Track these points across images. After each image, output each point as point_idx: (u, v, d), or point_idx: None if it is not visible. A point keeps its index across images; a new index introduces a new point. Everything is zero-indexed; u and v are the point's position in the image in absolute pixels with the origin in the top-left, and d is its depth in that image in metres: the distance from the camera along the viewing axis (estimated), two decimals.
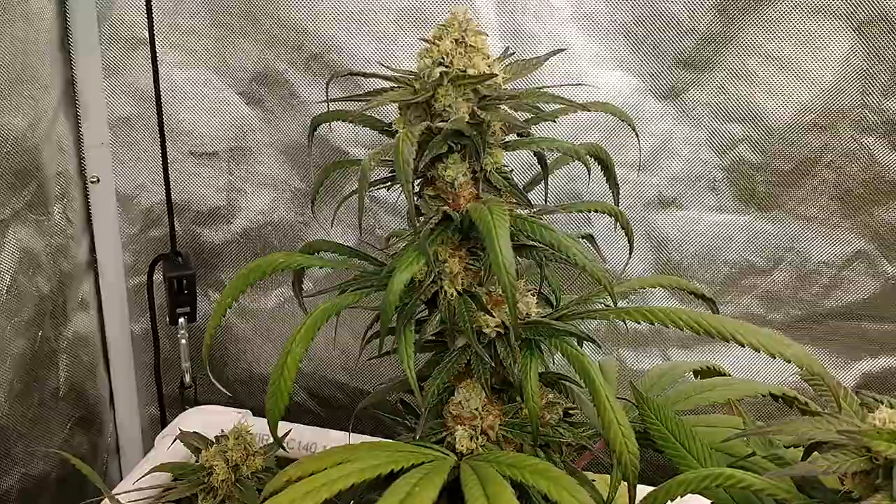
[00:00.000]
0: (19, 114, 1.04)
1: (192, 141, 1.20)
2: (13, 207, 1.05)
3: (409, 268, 0.60)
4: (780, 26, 1.02)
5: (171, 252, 1.20)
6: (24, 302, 1.07)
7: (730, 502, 0.63)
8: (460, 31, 0.62)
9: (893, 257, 1.09)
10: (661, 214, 1.12)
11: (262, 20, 1.13)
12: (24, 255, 1.07)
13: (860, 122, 1.04)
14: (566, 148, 0.66)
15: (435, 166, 0.64)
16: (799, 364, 0.56)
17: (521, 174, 0.70)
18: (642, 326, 1.14)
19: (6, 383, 1.05)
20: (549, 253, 0.65)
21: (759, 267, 1.13)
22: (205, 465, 0.81)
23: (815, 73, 1.03)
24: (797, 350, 0.56)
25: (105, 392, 1.27)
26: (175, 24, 1.14)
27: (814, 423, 0.55)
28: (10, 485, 1.07)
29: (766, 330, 0.58)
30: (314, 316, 0.63)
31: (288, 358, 0.61)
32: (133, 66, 1.16)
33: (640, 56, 1.06)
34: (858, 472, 0.54)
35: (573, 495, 0.56)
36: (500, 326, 0.65)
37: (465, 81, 0.60)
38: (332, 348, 1.18)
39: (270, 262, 0.67)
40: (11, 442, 1.07)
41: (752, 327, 0.58)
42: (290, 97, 1.15)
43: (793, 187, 1.08)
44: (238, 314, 1.27)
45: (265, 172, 1.20)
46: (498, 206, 0.58)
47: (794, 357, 0.56)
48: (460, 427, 0.66)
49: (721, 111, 1.07)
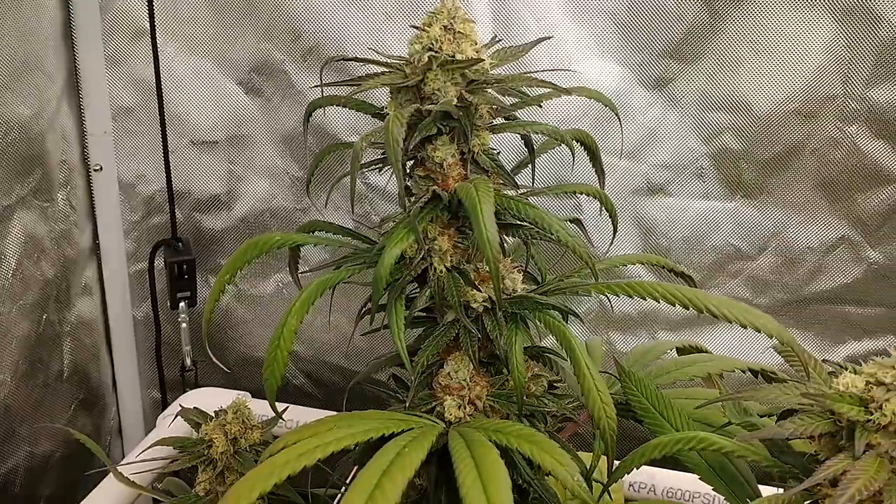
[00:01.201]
0: (24, 102, 1.06)
1: (192, 130, 1.23)
2: (18, 194, 1.07)
3: (399, 243, 0.63)
4: (764, 17, 1.04)
5: (172, 238, 1.22)
6: (29, 286, 1.10)
7: (705, 467, 0.66)
8: (449, 19, 0.65)
9: (876, 243, 1.11)
10: (650, 201, 1.15)
11: (260, 12, 1.15)
12: (28, 241, 1.09)
13: (842, 111, 1.06)
14: (550, 131, 0.69)
15: (425, 148, 0.66)
16: (768, 333, 0.59)
17: (527, 158, 0.73)
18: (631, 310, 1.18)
19: (12, 364, 1.07)
20: (535, 231, 0.69)
21: (745, 252, 1.15)
22: (205, 438, 0.84)
23: (799, 63, 1.05)
24: (766, 321, 0.59)
25: (108, 375, 1.30)
26: (176, 15, 1.17)
27: (783, 389, 0.59)
28: (16, 463, 1.10)
29: (739, 302, 0.61)
30: (309, 290, 0.65)
31: (284, 329, 0.64)
32: (135, 57, 1.19)
33: (628, 46, 1.09)
34: (824, 434, 0.57)
35: (555, 458, 0.59)
36: (488, 301, 0.68)
37: (453, 66, 0.63)
38: (328, 331, 1.21)
39: (267, 239, 0.70)
40: (17, 421, 1.10)
41: (725, 299, 0.61)
42: (287, 87, 1.18)
43: (777, 174, 1.10)
44: (238, 299, 1.29)
45: (264, 161, 1.23)
46: (483, 184, 0.61)
47: (763, 326, 0.59)
48: (449, 397, 0.69)
49: (707, 100, 1.09)
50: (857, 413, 0.54)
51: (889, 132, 1.05)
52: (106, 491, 0.98)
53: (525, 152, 0.72)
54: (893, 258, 1.11)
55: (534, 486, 0.69)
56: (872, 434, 0.54)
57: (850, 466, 0.52)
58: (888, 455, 0.54)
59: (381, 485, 0.54)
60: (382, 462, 0.57)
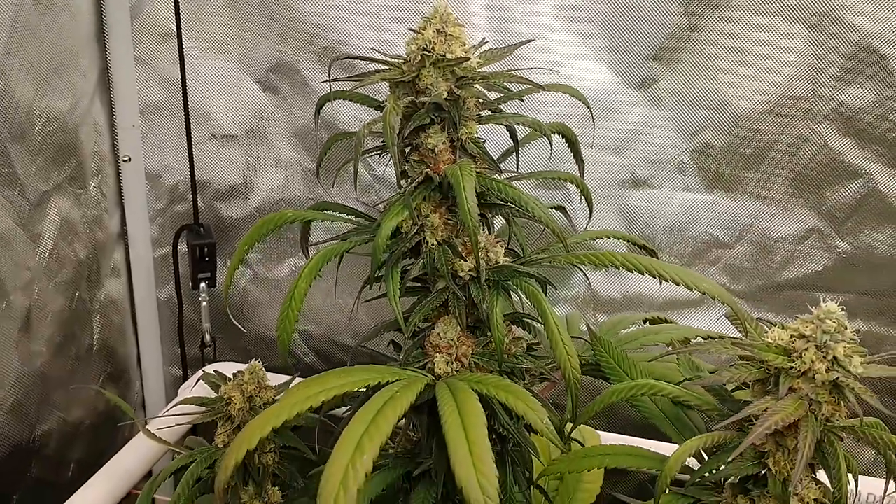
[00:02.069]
0: (61, 97, 1.17)
1: (213, 125, 1.33)
2: (55, 180, 1.18)
3: (395, 216, 0.73)
4: (739, 23, 1.12)
5: (195, 223, 1.33)
6: (63, 265, 1.20)
7: (662, 417, 0.75)
8: (441, 23, 0.74)
9: (844, 233, 1.19)
10: (635, 193, 1.23)
11: (277, 16, 1.25)
12: (64, 224, 1.20)
13: (812, 111, 1.14)
14: (531, 122, 0.78)
15: (419, 136, 0.76)
16: (711, 295, 0.68)
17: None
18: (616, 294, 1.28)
19: (48, 336, 1.18)
20: (515, 210, 0.78)
21: (723, 241, 1.23)
22: (223, 396, 0.93)
23: (772, 66, 1.13)
24: (710, 285, 0.69)
25: (133, 351, 1.40)
26: (200, 19, 1.27)
27: (722, 344, 0.68)
28: (50, 427, 1.20)
29: (688, 269, 0.70)
30: (317, 257, 0.75)
31: (295, 291, 0.74)
32: (161, 57, 1.29)
33: (615, 50, 1.17)
34: (756, 381, 0.66)
35: (527, 404, 0.68)
36: (473, 271, 0.77)
37: (444, 64, 0.73)
38: (336, 297, 1.30)
39: (281, 216, 0.80)
40: (51, 389, 1.20)
41: (677, 267, 0.70)
42: (302, 85, 1.28)
43: (753, 169, 1.19)
44: (254, 282, 1.39)
45: (279, 154, 1.32)
46: (467, 164, 0.70)
47: (707, 289, 0.68)
48: (439, 355, 0.78)
49: (688, 100, 1.17)
50: (782, 361, 0.63)
51: (855, 130, 1.13)
52: (135, 448, 1.08)
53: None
54: (860, 248, 1.19)
55: (512, 433, 0.79)
56: (794, 379, 0.63)
57: (773, 405, 0.62)
58: (808, 398, 0.63)
59: (376, 420, 0.63)
60: (378, 403, 0.66)
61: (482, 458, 0.58)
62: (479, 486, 0.57)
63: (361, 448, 0.58)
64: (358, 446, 0.58)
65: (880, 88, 1.11)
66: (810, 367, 0.62)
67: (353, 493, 0.55)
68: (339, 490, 0.55)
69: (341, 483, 0.55)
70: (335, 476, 0.56)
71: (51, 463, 1.21)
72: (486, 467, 0.57)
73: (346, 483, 0.55)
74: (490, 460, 0.58)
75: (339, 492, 0.55)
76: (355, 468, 0.56)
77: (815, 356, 0.62)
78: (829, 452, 0.62)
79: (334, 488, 0.55)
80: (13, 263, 1.08)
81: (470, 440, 0.60)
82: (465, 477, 0.58)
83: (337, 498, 0.54)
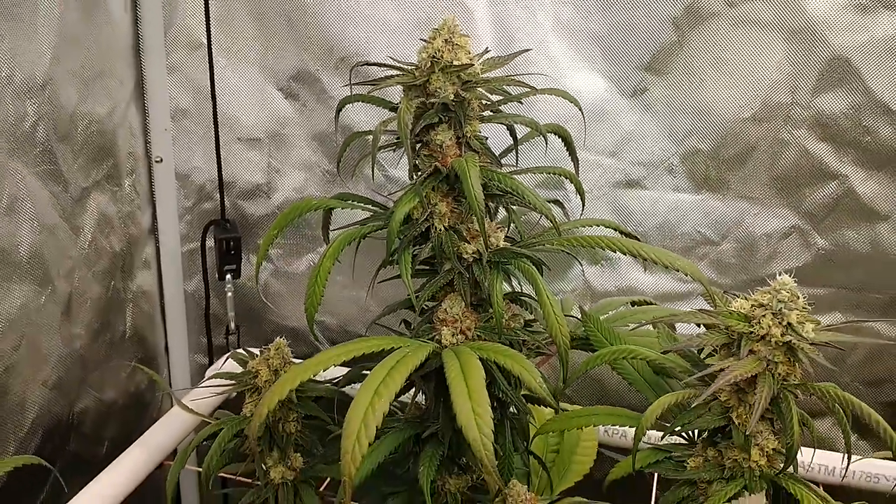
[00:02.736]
0: (101, 103, 1.28)
1: (239, 129, 1.43)
2: (94, 178, 1.28)
3: (407, 203, 0.83)
4: (723, 37, 1.22)
5: (221, 218, 1.43)
6: (101, 256, 1.30)
7: (642, 381, 0.85)
8: (449, 34, 0.84)
9: (822, 231, 1.28)
10: (628, 193, 1.32)
11: (299, 29, 1.35)
12: (101, 218, 1.30)
13: (791, 117, 1.23)
14: (528, 122, 0.88)
15: (429, 133, 0.86)
16: (685, 272, 0.78)
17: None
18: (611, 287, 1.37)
19: (87, 321, 1.28)
20: (514, 199, 0.88)
21: (711, 238, 1.32)
22: (251, 370, 1.03)
23: (754, 75, 1.22)
24: (684, 263, 0.78)
25: (161, 340, 1.50)
26: (228, 31, 1.38)
27: (694, 314, 0.77)
28: (86, 405, 1.30)
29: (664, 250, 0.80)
30: (339, 239, 0.85)
31: (320, 269, 0.84)
32: (192, 66, 1.40)
33: (609, 61, 1.27)
34: (723, 346, 0.76)
35: (523, 367, 0.77)
36: (476, 253, 0.87)
37: (451, 69, 0.83)
38: (350, 290, 1.40)
39: (306, 203, 0.90)
40: (89, 370, 1.30)
41: (654, 248, 0.80)
42: (321, 93, 1.38)
43: (737, 171, 1.27)
44: (275, 276, 1.49)
45: (299, 156, 1.43)
46: (472, 158, 0.80)
47: (681, 267, 0.78)
48: (445, 328, 0.88)
49: (677, 107, 1.27)
50: (743, 327, 0.73)
51: (831, 135, 1.22)
52: (168, 423, 1.17)
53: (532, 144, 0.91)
54: (837, 244, 1.27)
55: (510, 398, 0.88)
56: (754, 343, 0.72)
57: (734, 363, 0.71)
58: (765, 359, 0.72)
59: (391, 373, 0.73)
60: (391, 361, 0.76)
61: (479, 403, 0.68)
62: (476, 425, 0.67)
63: (379, 394, 0.68)
64: (376, 393, 0.68)
65: (853, 96, 1.20)
66: (768, 332, 0.72)
67: (372, 429, 0.65)
68: (360, 427, 0.65)
69: (363, 421, 0.65)
70: (357, 416, 0.65)
71: (87, 439, 1.30)
72: (482, 409, 0.67)
73: (366, 421, 0.65)
74: (486, 405, 0.68)
75: (360, 428, 0.65)
76: (374, 409, 0.66)
77: (771, 322, 0.72)
78: (784, 407, 0.72)
79: (357, 425, 0.65)
80: (57, 252, 1.19)
81: (470, 388, 0.70)
82: (465, 419, 0.68)
83: (359, 433, 0.64)
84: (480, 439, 0.67)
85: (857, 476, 1.12)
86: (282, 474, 1.02)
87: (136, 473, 1.09)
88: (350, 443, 0.64)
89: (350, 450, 0.64)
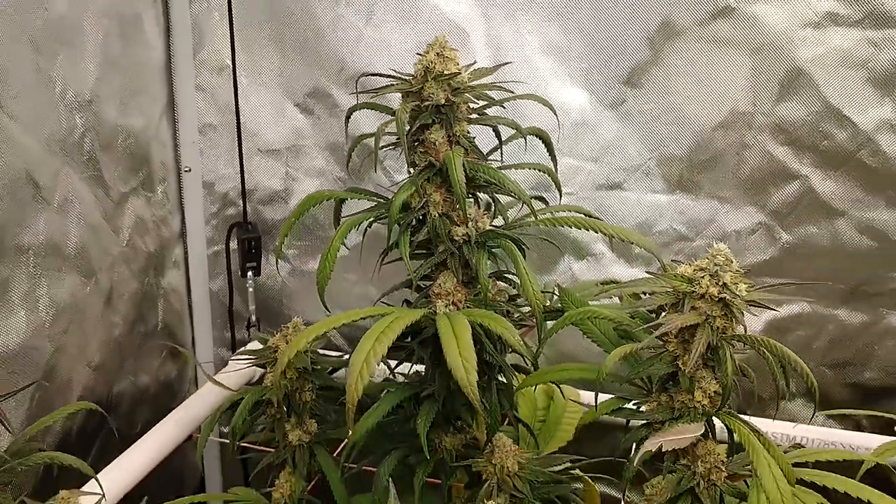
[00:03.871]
0: (137, 117, 1.43)
1: (259, 141, 1.58)
2: (132, 184, 1.43)
3: (405, 192, 0.98)
4: (694, 53, 1.36)
5: (244, 221, 1.58)
6: (137, 254, 1.45)
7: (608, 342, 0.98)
8: (440, 48, 0.99)
9: (786, 227, 1.40)
10: (610, 195, 1.46)
11: (314, 51, 1.50)
12: (137, 220, 1.45)
13: (756, 124, 1.36)
14: (510, 122, 1.03)
15: (424, 132, 1.00)
16: (639, 245, 0.92)
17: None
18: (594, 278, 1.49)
19: (124, 313, 1.43)
20: (497, 189, 1.02)
21: (685, 235, 1.45)
22: (271, 346, 1.17)
23: (721, 87, 1.35)
24: (638, 237, 0.92)
25: (188, 334, 1.65)
26: (251, 54, 1.53)
27: (647, 280, 0.91)
28: (123, 388, 1.44)
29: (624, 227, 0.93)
30: (347, 223, 1.00)
31: (331, 247, 0.98)
32: (218, 85, 1.55)
33: (591, 75, 1.42)
34: (671, 305, 0.89)
35: (504, 327, 0.91)
36: (466, 236, 1.01)
37: (442, 78, 0.98)
38: (359, 287, 1.54)
39: (320, 194, 1.05)
40: (125, 358, 1.45)
41: (616, 226, 0.94)
42: (333, 107, 1.52)
43: (708, 173, 1.40)
44: (291, 274, 1.64)
45: (314, 164, 1.57)
46: (457, 150, 0.95)
47: (636, 241, 0.92)
48: (440, 300, 1.02)
49: (652, 117, 1.40)
50: (686, 287, 0.86)
51: (792, 140, 1.35)
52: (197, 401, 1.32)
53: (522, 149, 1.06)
54: (801, 238, 1.40)
55: (496, 360, 1.02)
56: (695, 300, 0.86)
57: (677, 316, 0.85)
58: (705, 314, 0.86)
59: (390, 326, 0.87)
60: (389, 319, 0.90)
61: (466, 348, 0.82)
62: (463, 367, 0.81)
63: (379, 340, 0.82)
64: (377, 339, 0.82)
65: (811, 105, 1.33)
66: (706, 291, 0.85)
67: (373, 367, 0.79)
68: (362, 365, 0.79)
69: (364, 360, 0.79)
70: (360, 356, 0.80)
71: (123, 420, 1.45)
72: (468, 353, 0.81)
73: (367, 360, 0.79)
74: (471, 351, 0.82)
75: (362, 366, 0.79)
76: (375, 352, 0.80)
77: (709, 282, 0.85)
78: (722, 353, 0.85)
79: (360, 363, 0.79)
80: (100, 249, 1.34)
81: (458, 339, 0.84)
82: (454, 362, 0.81)
83: (362, 370, 0.78)
84: (466, 377, 0.80)
85: (815, 444, 1.24)
86: (299, 437, 1.16)
87: (177, 437, 1.25)
88: (354, 379, 0.78)
89: (354, 383, 0.77)
